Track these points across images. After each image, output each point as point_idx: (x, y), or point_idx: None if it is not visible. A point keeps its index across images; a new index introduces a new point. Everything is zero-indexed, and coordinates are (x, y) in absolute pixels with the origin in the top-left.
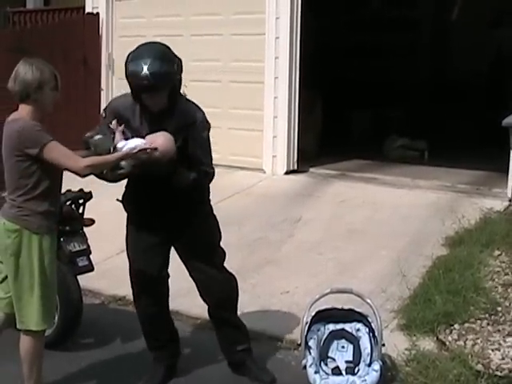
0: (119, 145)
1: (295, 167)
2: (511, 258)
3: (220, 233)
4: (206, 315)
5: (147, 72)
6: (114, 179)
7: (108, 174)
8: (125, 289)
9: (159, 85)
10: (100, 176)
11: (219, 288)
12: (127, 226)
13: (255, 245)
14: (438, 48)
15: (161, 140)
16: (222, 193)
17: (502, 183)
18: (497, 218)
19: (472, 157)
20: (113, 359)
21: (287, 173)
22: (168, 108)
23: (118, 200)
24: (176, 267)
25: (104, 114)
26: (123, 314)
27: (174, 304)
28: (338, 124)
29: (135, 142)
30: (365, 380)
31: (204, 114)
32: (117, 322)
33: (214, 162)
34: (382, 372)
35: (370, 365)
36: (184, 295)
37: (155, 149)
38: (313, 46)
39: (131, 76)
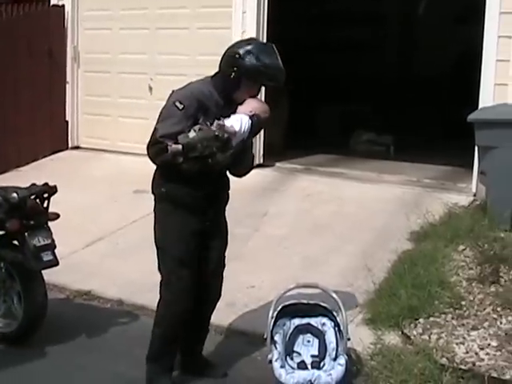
0: (227, 123)
1: (261, 161)
2: (475, 252)
3: None
4: None
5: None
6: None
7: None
8: (90, 283)
9: None
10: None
11: (221, 282)
12: (167, 217)
13: None
14: (405, 43)
15: (255, 102)
16: None
17: (467, 178)
18: (461, 213)
19: (437, 152)
20: (78, 355)
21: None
22: None
23: (162, 191)
24: (143, 261)
25: (182, 105)
26: (88, 309)
27: (140, 299)
28: (305, 119)
29: (237, 117)
30: (330, 374)
31: None
32: (82, 317)
33: None
34: (347, 366)
35: (335, 359)
36: (150, 290)
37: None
38: (280, 42)
39: (271, 67)
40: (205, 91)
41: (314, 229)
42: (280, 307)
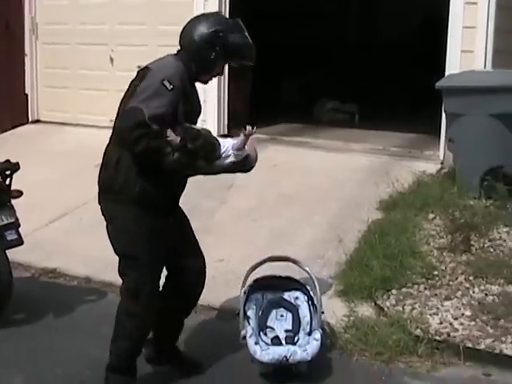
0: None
1: (226, 131)
2: (445, 221)
3: None
4: None
5: None
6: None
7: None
8: (55, 261)
9: None
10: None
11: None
12: (136, 222)
13: (187, 213)
14: (366, 9)
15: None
16: None
17: (434, 146)
18: (430, 181)
19: (403, 120)
20: (45, 335)
21: None
22: None
23: (135, 190)
24: (105, 239)
25: (171, 86)
26: (55, 287)
27: (108, 275)
28: (268, 88)
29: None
30: (306, 350)
31: None
32: (48, 295)
33: None
34: (322, 341)
35: (310, 333)
36: (115, 266)
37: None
38: (241, 11)
39: (247, 47)
40: (182, 72)
41: (281, 200)
42: (252, 281)
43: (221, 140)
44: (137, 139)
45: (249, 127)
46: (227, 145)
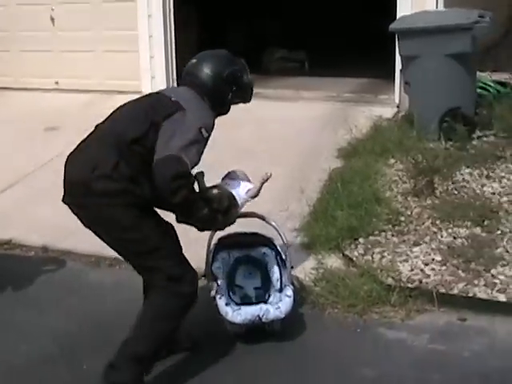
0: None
1: (175, 86)
2: (407, 165)
3: None
4: (99, 252)
5: None
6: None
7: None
8: (9, 231)
9: None
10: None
11: None
12: (147, 221)
13: None
14: None
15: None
16: (100, 121)
17: (389, 90)
18: (387, 126)
19: (354, 65)
20: (4, 310)
21: None
22: None
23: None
24: (60, 206)
25: (207, 135)
26: (11, 259)
27: (65, 243)
28: (216, 38)
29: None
30: (279, 307)
31: None
32: (5, 268)
33: (91, 89)
34: (295, 297)
35: (281, 290)
36: (73, 233)
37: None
38: None
39: (252, 89)
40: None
41: (237, 154)
42: (217, 240)
43: (234, 192)
44: (176, 190)
45: (268, 173)
46: (240, 195)
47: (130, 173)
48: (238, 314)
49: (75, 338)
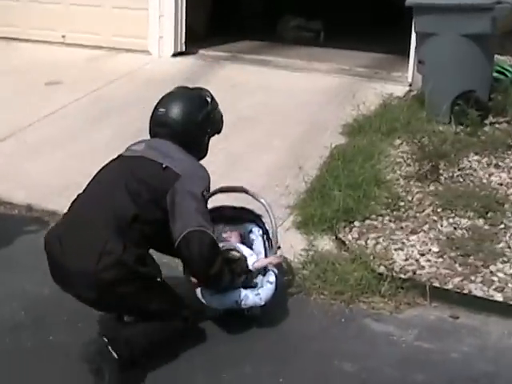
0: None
1: (183, 49)
2: (413, 147)
3: None
4: None
5: None
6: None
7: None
8: None
9: None
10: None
11: None
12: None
13: (138, 135)
14: None
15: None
16: (104, 78)
17: (403, 67)
18: (397, 105)
19: (370, 39)
20: None
21: (175, 55)
22: None
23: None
24: (54, 160)
25: (207, 193)
26: None
27: (51, 203)
28: (229, 2)
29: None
30: (258, 294)
31: None
32: None
33: (97, 44)
34: (277, 283)
35: (264, 274)
36: (60, 193)
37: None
38: None
39: (222, 120)
40: None
41: (239, 122)
42: None
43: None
44: (212, 263)
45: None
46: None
47: (136, 255)
48: (214, 299)
49: (46, 306)
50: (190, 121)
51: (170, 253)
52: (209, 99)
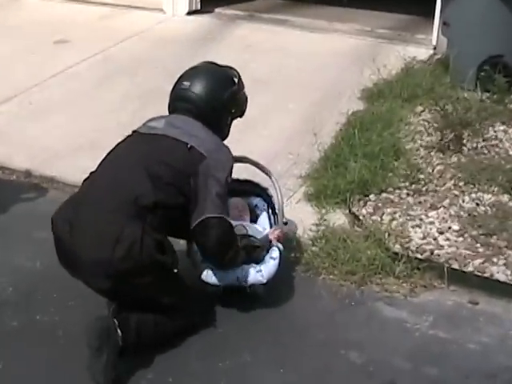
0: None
1: (198, 7)
2: (435, 115)
3: None
4: None
5: None
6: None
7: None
8: None
9: None
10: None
11: None
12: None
13: (148, 96)
14: None
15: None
16: (116, 36)
17: (427, 29)
18: (420, 69)
19: None
20: None
21: (190, 13)
22: None
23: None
24: (59, 123)
25: (231, 178)
26: None
27: (50, 169)
28: None
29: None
30: (260, 271)
31: None
32: None
33: (106, 1)
34: (281, 260)
35: (268, 250)
36: (63, 157)
37: None
38: None
39: (247, 103)
40: None
41: (253, 85)
42: None
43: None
44: (225, 253)
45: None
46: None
47: (156, 241)
48: (213, 274)
49: (36, 282)
50: (216, 98)
51: (188, 237)
52: (236, 79)
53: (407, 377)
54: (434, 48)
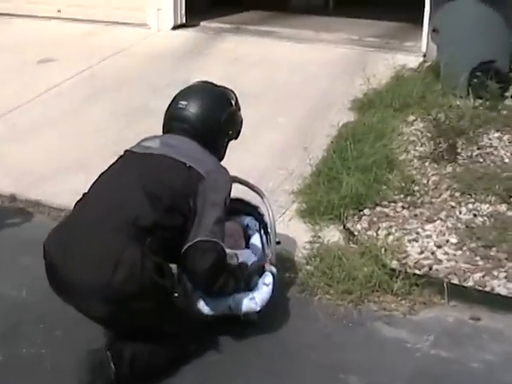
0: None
1: (184, 21)
2: (427, 124)
3: None
4: (70, 206)
5: None
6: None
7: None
8: None
9: None
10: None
11: None
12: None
13: (134, 114)
14: None
15: None
16: (100, 53)
17: (416, 36)
18: (410, 77)
19: (381, 6)
20: None
21: (175, 28)
22: None
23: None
24: (44, 144)
25: (229, 199)
26: None
27: (36, 192)
28: None
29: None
30: (253, 298)
31: None
32: None
33: (93, 18)
34: (274, 285)
35: (261, 275)
36: (49, 179)
37: None
38: None
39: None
40: None
41: (241, 98)
42: None
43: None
44: (215, 280)
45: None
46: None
47: (155, 264)
48: (205, 304)
49: (22, 312)
50: (213, 118)
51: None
52: (233, 100)
53: None
54: (424, 55)
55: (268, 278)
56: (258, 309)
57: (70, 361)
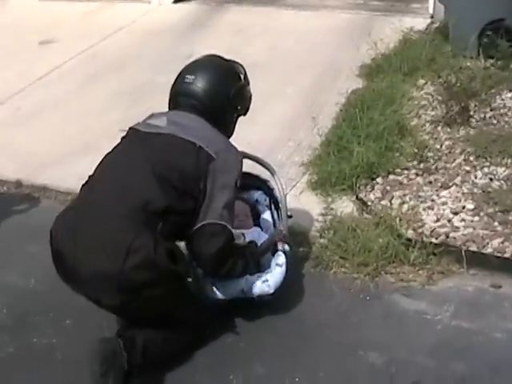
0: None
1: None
2: (438, 87)
3: None
4: (77, 189)
5: None
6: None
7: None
8: None
9: None
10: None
11: None
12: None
13: (139, 92)
14: None
15: None
16: (102, 32)
17: None
18: (419, 40)
19: None
20: None
21: (176, 1)
22: None
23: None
24: (49, 128)
25: (240, 181)
26: None
27: (42, 177)
28: None
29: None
30: (266, 280)
31: None
32: None
33: None
34: (287, 265)
35: (273, 252)
36: (54, 163)
37: None
38: None
39: (251, 99)
40: None
41: (248, 69)
42: None
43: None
44: (222, 264)
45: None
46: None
47: (167, 249)
48: (217, 288)
49: (31, 301)
50: (222, 93)
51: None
52: (242, 74)
53: (432, 375)
54: (432, 17)
55: (281, 258)
56: (272, 291)
57: (82, 350)
